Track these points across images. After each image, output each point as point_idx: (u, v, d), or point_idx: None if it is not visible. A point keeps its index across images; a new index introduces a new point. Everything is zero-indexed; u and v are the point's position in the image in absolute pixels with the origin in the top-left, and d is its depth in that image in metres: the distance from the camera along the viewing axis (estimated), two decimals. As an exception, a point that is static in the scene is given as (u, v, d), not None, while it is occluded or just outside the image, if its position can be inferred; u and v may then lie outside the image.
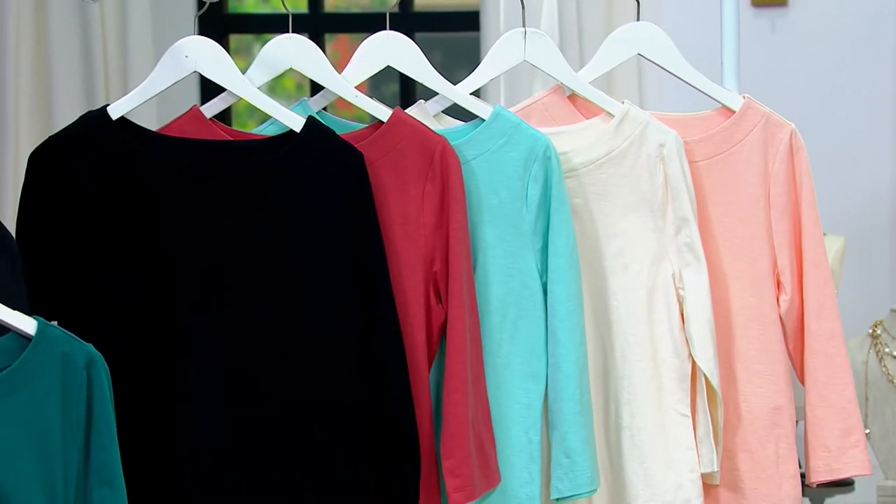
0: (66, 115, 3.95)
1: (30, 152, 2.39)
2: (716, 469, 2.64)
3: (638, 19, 2.72)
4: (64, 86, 4.21)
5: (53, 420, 1.95)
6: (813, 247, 2.67)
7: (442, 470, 2.44)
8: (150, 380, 2.32)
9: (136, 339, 2.33)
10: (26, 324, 1.96)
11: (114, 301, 2.33)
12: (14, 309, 1.99)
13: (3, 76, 4.06)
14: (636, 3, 2.74)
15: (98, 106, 2.43)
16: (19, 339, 1.96)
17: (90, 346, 1.99)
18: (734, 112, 2.70)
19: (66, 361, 1.96)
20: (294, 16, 2.59)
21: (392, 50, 2.56)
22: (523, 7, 2.68)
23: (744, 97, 2.72)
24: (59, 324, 2.34)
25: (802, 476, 2.72)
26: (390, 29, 2.57)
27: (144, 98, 2.43)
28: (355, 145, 2.41)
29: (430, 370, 2.47)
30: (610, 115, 2.65)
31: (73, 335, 1.99)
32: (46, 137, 2.40)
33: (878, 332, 3.68)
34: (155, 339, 2.34)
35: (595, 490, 2.54)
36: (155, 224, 2.35)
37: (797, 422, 2.74)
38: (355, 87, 2.54)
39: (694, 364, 2.62)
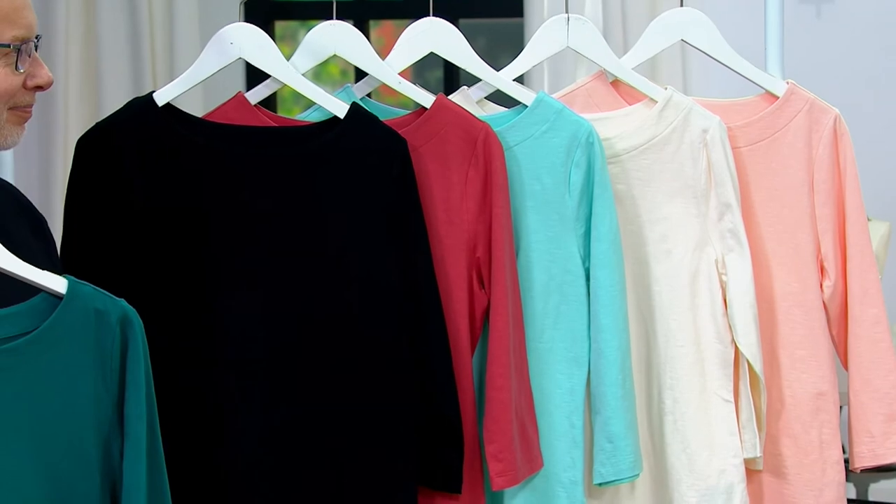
0: (114, 101, 3.97)
1: (77, 138, 2.42)
2: (759, 454, 2.63)
3: (682, 5, 2.71)
4: (112, 73, 4.24)
5: (87, 377, 1.92)
6: (857, 232, 2.67)
7: (485, 454, 2.45)
8: (192, 365, 2.34)
9: (181, 326, 2.35)
10: (56, 282, 1.93)
11: (158, 286, 2.35)
12: None
13: (53, 64, 4.09)
14: (680, -12, 2.74)
15: (145, 92, 2.45)
16: (50, 300, 1.93)
17: (123, 302, 1.96)
18: (778, 98, 2.69)
19: (100, 318, 1.93)
20: (338, 2, 2.60)
21: (436, 36, 2.57)
22: (567, -7, 2.68)
23: (788, 83, 2.71)
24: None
25: (846, 462, 2.72)
26: (434, 15, 2.58)
27: (190, 84, 2.44)
28: (399, 132, 2.42)
29: (473, 356, 2.48)
30: (653, 100, 2.65)
31: (105, 291, 1.95)
32: (94, 123, 2.42)
33: (923, 317, 3.66)
34: (199, 325, 2.35)
35: (638, 475, 2.55)
36: (200, 209, 2.37)
37: (841, 407, 2.73)
38: (399, 74, 2.55)
39: (737, 349, 2.62)
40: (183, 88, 2.44)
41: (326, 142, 2.40)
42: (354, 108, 2.43)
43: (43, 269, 1.95)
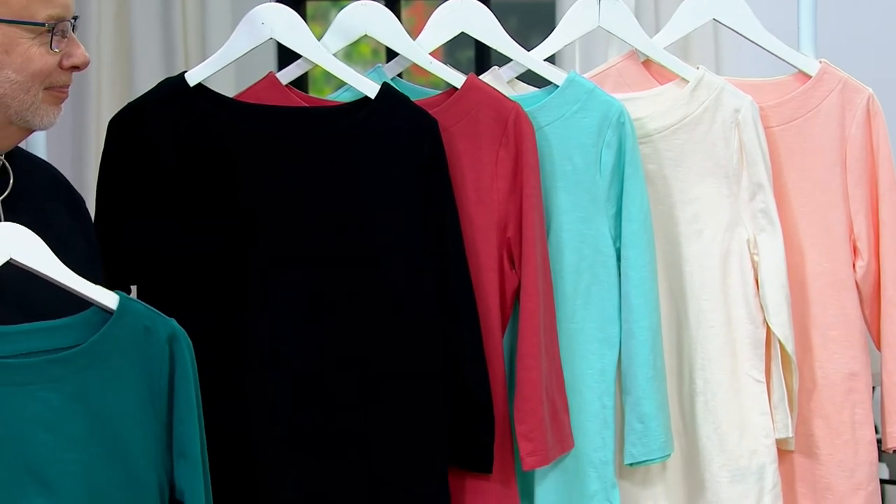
0: (146, 81, 3.98)
1: (110, 118, 2.43)
2: (791, 435, 2.63)
3: (714, -16, 2.70)
4: (144, 53, 4.25)
5: (134, 392, 1.96)
6: (890, 212, 2.65)
7: (516, 434, 2.45)
8: (226, 339, 2.35)
9: (214, 301, 2.36)
10: (108, 298, 1.97)
11: (191, 264, 2.36)
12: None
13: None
14: (712, -33, 2.73)
15: (177, 73, 2.46)
16: (101, 314, 1.97)
17: (173, 321, 2.00)
18: (810, 77, 2.68)
19: (149, 336, 1.97)
20: (370, -18, 2.60)
21: (467, 16, 2.57)
22: (598, -28, 2.68)
23: (820, 62, 2.70)
24: (137, 287, 2.38)
25: (879, 442, 2.71)
26: (465, -5, 2.58)
27: (222, 65, 2.45)
28: (429, 111, 2.42)
29: (503, 336, 2.48)
30: (684, 80, 2.64)
31: (155, 310, 2.00)
32: (126, 104, 2.43)
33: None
34: (232, 300, 2.36)
35: (668, 455, 2.55)
36: (231, 188, 2.37)
37: (874, 388, 2.73)
38: (430, 54, 2.55)
39: (769, 330, 2.62)
40: (214, 69, 2.44)
41: (357, 122, 2.40)
42: (385, 89, 2.43)
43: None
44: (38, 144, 2.36)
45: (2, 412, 1.90)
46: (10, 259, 1.93)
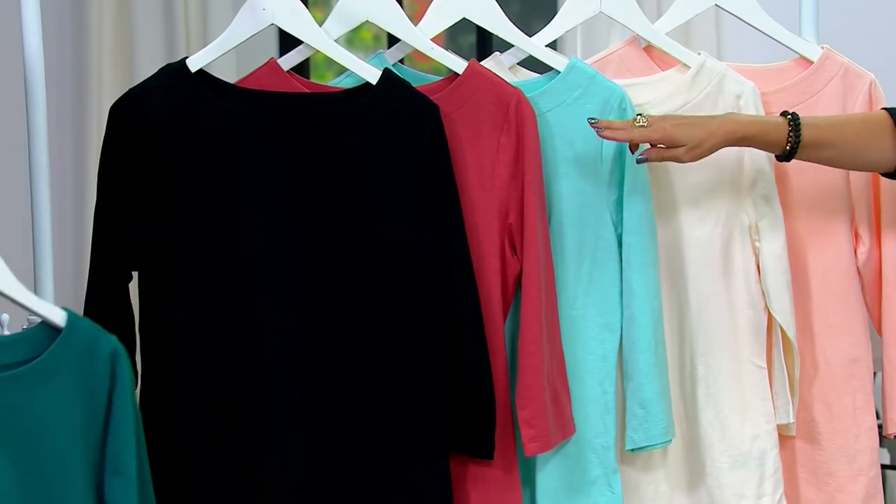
0: (147, 67, 3.98)
1: (111, 104, 2.43)
2: (792, 420, 2.63)
3: (715, -31, 2.70)
4: (145, 39, 4.25)
5: (78, 410, 1.95)
6: (891, 198, 2.65)
7: (517, 420, 2.45)
8: (226, 327, 2.35)
9: (214, 285, 2.36)
10: (56, 315, 1.96)
11: (191, 250, 2.36)
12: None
13: (87, 30, 4.10)
14: (713, -48, 2.73)
15: (178, 58, 2.45)
16: (48, 330, 1.96)
17: (114, 338, 1.99)
18: (812, 63, 2.68)
19: (92, 353, 1.96)
20: (371, -32, 2.60)
21: (468, 2, 2.56)
22: (600, -42, 2.67)
23: (822, 47, 2.69)
24: (139, 274, 2.38)
25: (880, 427, 2.71)
26: (467, -20, 2.58)
27: (223, 50, 2.45)
28: (431, 97, 2.42)
29: (505, 322, 2.49)
30: (686, 66, 2.64)
31: (98, 326, 1.99)
32: (127, 89, 2.43)
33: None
34: (232, 287, 2.36)
35: (670, 441, 2.55)
36: (232, 175, 2.37)
37: (875, 373, 2.73)
38: (431, 40, 2.55)
39: (770, 316, 2.62)
40: (216, 54, 2.44)
41: (359, 108, 2.40)
42: (387, 74, 2.43)
43: None
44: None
45: None
46: None
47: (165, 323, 2.35)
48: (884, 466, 3.08)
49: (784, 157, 2.45)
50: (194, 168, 2.37)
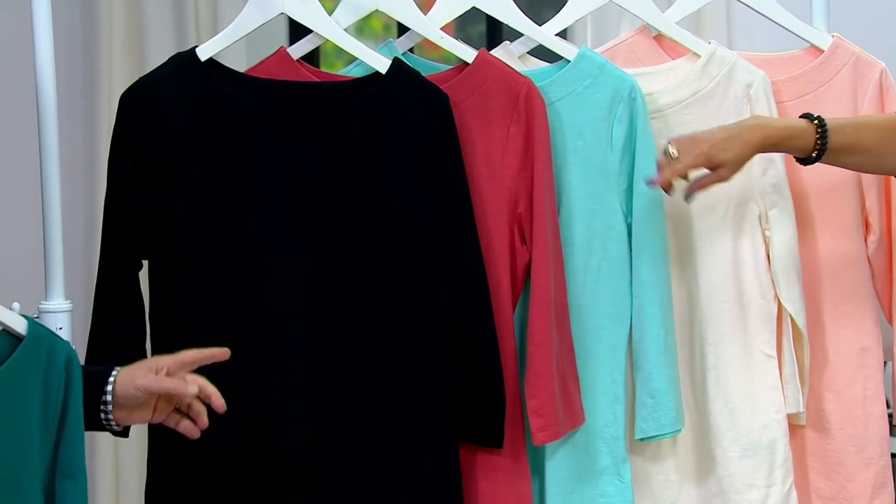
0: (158, 56, 3.98)
1: (121, 92, 2.43)
2: (802, 410, 2.63)
3: (726, -42, 2.70)
4: (155, 28, 4.24)
5: (36, 417, 1.95)
6: (902, 187, 2.66)
7: (526, 410, 2.45)
8: (235, 316, 2.35)
9: (224, 277, 2.36)
10: (17, 323, 1.96)
11: (199, 238, 2.36)
12: None
13: (97, 19, 4.10)
14: (724, -59, 2.73)
15: (188, 47, 2.46)
16: (8, 338, 1.96)
17: (68, 344, 2.00)
18: (823, 51, 2.68)
19: (50, 360, 1.97)
20: (381, -43, 2.60)
21: (478, -10, 2.57)
22: (610, -53, 2.67)
23: (833, 36, 2.69)
24: (148, 263, 2.38)
25: (890, 416, 2.71)
26: (477, -31, 2.57)
27: (232, 39, 2.45)
28: (440, 87, 2.42)
29: (514, 311, 2.49)
30: (696, 55, 2.64)
31: (54, 332, 2.00)
32: (137, 78, 2.43)
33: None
34: (242, 276, 2.36)
35: (679, 430, 2.55)
36: (242, 163, 2.37)
37: (885, 363, 2.73)
38: (441, 29, 2.54)
39: (780, 305, 2.62)
40: (226, 43, 2.44)
41: (368, 97, 2.40)
42: (396, 64, 2.43)
43: None
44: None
45: None
46: None
47: (175, 312, 2.35)
48: (894, 456, 3.07)
49: (808, 161, 2.43)
50: (204, 157, 2.37)
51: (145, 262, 2.39)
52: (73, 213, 3.93)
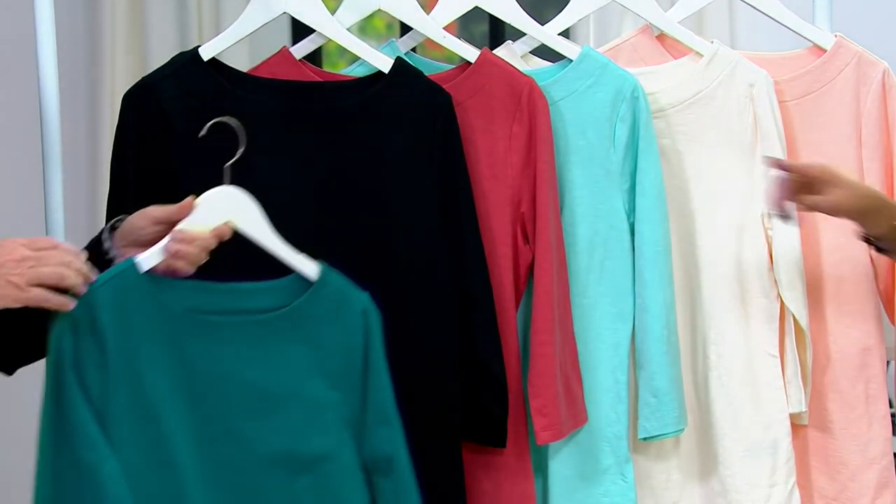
0: (160, 56, 3.98)
1: (124, 92, 2.43)
2: (804, 409, 2.63)
3: (728, -43, 2.70)
4: (158, 27, 4.25)
5: (331, 359, 2.07)
6: (906, 187, 2.66)
7: (529, 409, 2.45)
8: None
9: (226, 274, 2.35)
10: (310, 268, 2.10)
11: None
12: None
13: (100, 19, 4.10)
14: (726, -59, 2.73)
15: (191, 47, 2.46)
16: (302, 280, 2.09)
17: (366, 294, 2.10)
18: (825, 51, 2.68)
19: (344, 307, 2.08)
20: (384, -43, 2.60)
21: (481, -10, 2.57)
22: (612, -54, 2.67)
23: (835, 36, 2.69)
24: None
25: (893, 416, 2.71)
26: (479, -31, 2.57)
27: (235, 39, 2.45)
28: (443, 86, 2.42)
29: (517, 311, 2.48)
30: (699, 54, 2.64)
31: (351, 282, 2.10)
32: (140, 78, 2.43)
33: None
34: (244, 272, 2.36)
35: (682, 430, 2.55)
36: (244, 163, 2.37)
37: (888, 362, 2.73)
38: (444, 28, 2.55)
39: (782, 304, 2.62)
40: (228, 43, 2.44)
41: (371, 96, 2.40)
42: (399, 63, 2.43)
43: None
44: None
45: (205, 364, 2.02)
46: (228, 222, 2.07)
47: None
48: (896, 455, 3.08)
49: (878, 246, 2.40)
50: (207, 156, 2.37)
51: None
52: (76, 212, 3.93)
